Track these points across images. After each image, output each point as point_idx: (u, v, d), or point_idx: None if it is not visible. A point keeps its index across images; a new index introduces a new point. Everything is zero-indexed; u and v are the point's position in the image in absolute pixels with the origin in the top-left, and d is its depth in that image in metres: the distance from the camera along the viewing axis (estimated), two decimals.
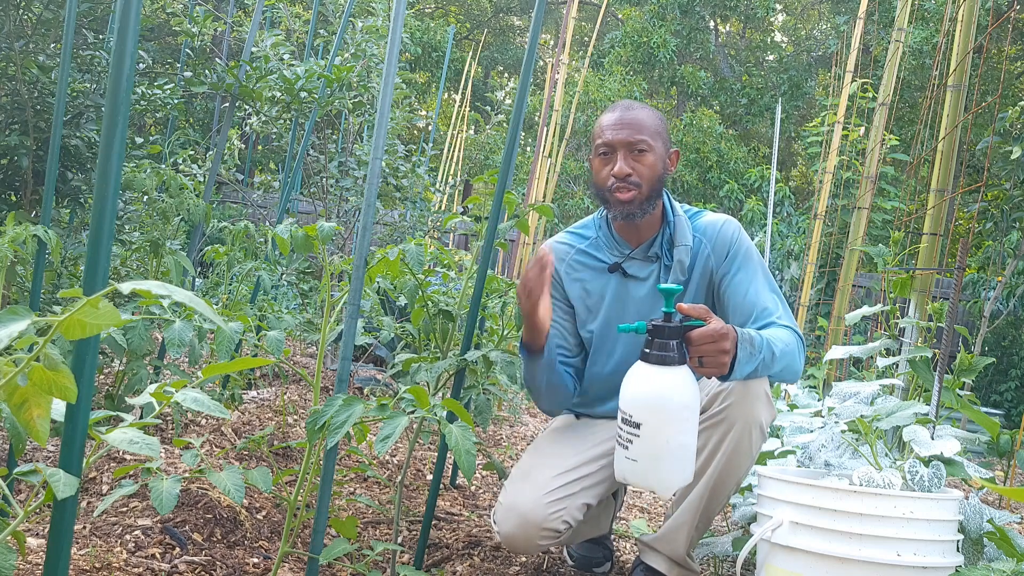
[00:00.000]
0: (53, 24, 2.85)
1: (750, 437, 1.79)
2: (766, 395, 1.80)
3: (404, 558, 1.98)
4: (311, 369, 4.19)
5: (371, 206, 1.54)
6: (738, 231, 1.94)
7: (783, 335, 1.78)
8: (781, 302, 1.88)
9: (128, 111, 1.02)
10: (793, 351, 1.78)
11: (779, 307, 1.86)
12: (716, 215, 1.98)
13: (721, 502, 1.85)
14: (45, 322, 0.88)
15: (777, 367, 1.74)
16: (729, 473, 1.80)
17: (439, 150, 8.62)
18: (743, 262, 1.91)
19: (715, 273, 1.93)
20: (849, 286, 5.11)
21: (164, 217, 2.74)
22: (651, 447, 1.58)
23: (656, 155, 1.88)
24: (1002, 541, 1.65)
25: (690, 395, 1.57)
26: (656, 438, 1.57)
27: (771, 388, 1.84)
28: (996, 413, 6.10)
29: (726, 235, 1.93)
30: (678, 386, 1.56)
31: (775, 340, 1.74)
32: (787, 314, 1.86)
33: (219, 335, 1.70)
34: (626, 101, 1.95)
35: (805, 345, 1.85)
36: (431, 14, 18.05)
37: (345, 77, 3.66)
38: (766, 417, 1.81)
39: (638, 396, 1.59)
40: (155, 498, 1.24)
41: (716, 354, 1.58)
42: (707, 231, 1.94)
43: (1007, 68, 10.19)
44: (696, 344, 1.58)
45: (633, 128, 1.86)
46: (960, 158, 2.96)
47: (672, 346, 1.56)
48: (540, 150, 5.61)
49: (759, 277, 1.90)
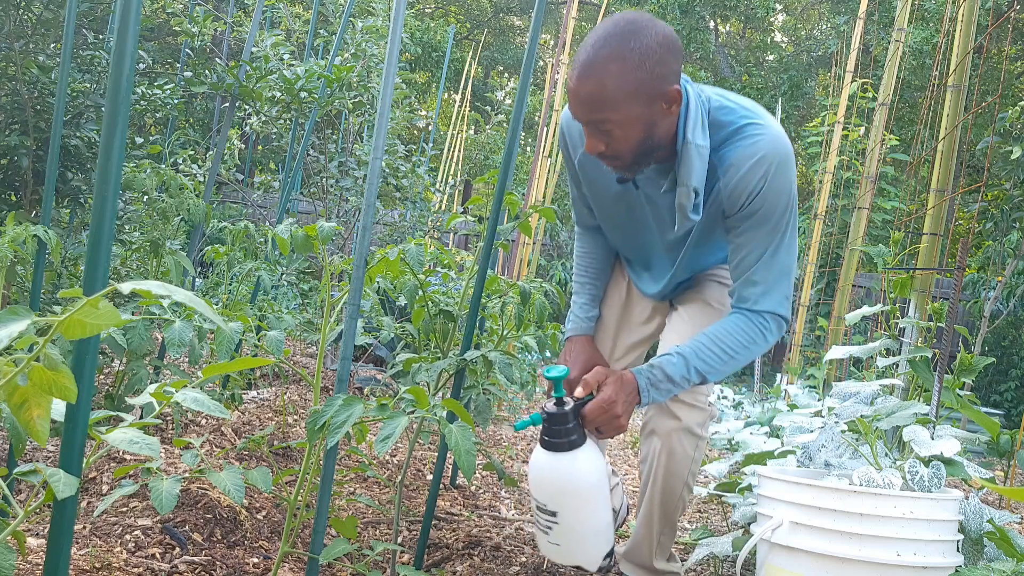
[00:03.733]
0: (53, 24, 2.85)
1: (681, 443, 1.81)
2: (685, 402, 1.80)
3: (404, 558, 1.98)
4: (311, 369, 4.19)
5: (371, 206, 1.54)
6: (762, 184, 1.61)
7: (732, 339, 1.68)
8: (774, 278, 1.69)
9: (128, 111, 1.02)
10: (739, 355, 1.69)
11: (760, 289, 1.69)
12: (752, 147, 1.61)
13: (674, 507, 1.88)
14: (45, 322, 0.88)
15: (713, 378, 1.69)
16: (669, 481, 1.84)
17: (439, 150, 8.62)
18: (755, 223, 1.66)
19: (725, 216, 1.70)
20: (849, 286, 5.11)
21: (164, 217, 2.74)
22: (571, 530, 1.62)
23: (626, 127, 1.55)
24: (1002, 541, 1.65)
25: (596, 472, 1.60)
26: (574, 522, 1.61)
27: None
28: (996, 413, 6.11)
29: (745, 186, 1.62)
30: (582, 468, 1.58)
31: (711, 356, 1.67)
32: (772, 293, 1.69)
33: (219, 335, 1.70)
34: (587, 54, 1.53)
35: (781, 326, 1.71)
36: (431, 14, 18.05)
37: (345, 77, 3.66)
38: (692, 418, 1.80)
39: (546, 485, 1.60)
40: (155, 498, 1.24)
41: (609, 421, 1.60)
42: (730, 170, 1.63)
43: (1007, 68, 10.19)
44: (589, 420, 1.59)
45: (590, 105, 1.54)
46: (960, 158, 2.96)
47: (567, 430, 1.58)
48: (540, 150, 5.62)
49: (759, 245, 1.67)
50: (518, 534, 2.37)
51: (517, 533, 2.38)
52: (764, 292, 1.69)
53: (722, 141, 1.64)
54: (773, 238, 1.66)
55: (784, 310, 1.71)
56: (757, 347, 1.70)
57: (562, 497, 1.59)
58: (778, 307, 1.70)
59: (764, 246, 1.67)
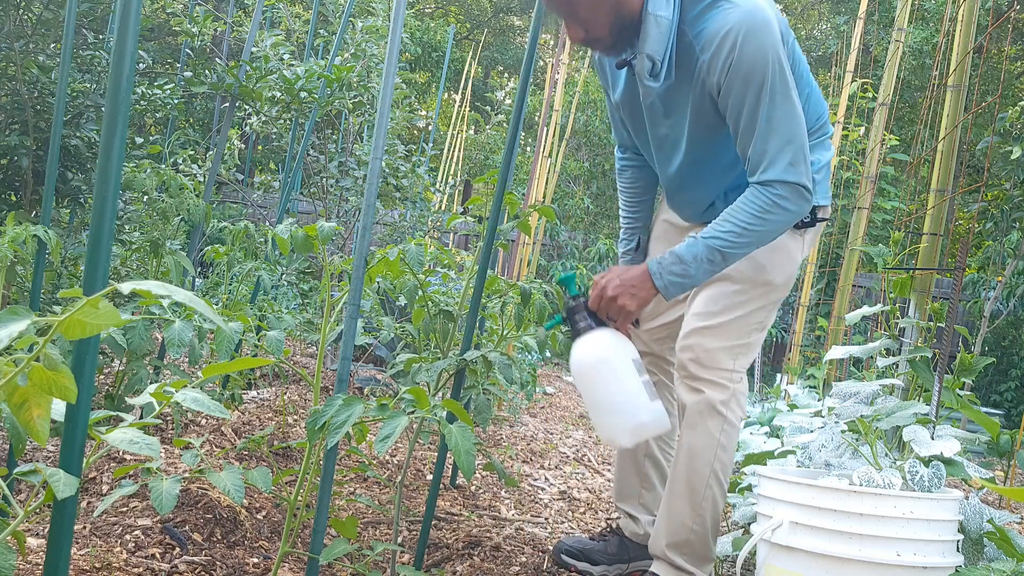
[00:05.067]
0: (53, 24, 2.85)
1: (703, 419, 1.81)
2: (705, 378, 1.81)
3: (404, 558, 1.98)
4: (311, 369, 4.19)
5: (371, 206, 1.54)
6: (733, 54, 1.63)
7: (742, 212, 1.69)
8: (775, 146, 1.67)
9: (128, 111, 1.02)
10: (754, 228, 1.69)
11: (763, 159, 1.68)
12: (722, 19, 1.64)
13: (700, 493, 1.83)
14: (45, 322, 0.88)
15: (733, 254, 1.71)
16: (692, 462, 1.82)
17: (439, 150, 8.62)
18: (739, 94, 1.66)
19: (713, 94, 1.71)
20: (849, 286, 5.11)
21: (164, 217, 2.74)
22: (593, 408, 1.76)
23: (594, 9, 1.67)
24: (1002, 541, 1.65)
25: (599, 350, 1.73)
26: (593, 400, 1.75)
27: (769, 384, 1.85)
28: (996, 413, 6.11)
29: (718, 58, 1.64)
30: (586, 350, 1.74)
31: (723, 232, 1.69)
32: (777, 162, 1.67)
33: (219, 335, 1.70)
34: None
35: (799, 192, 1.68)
36: (431, 14, 18.05)
37: (345, 77, 3.66)
38: (715, 394, 1.81)
39: (573, 373, 1.77)
40: (155, 498, 1.24)
41: (609, 305, 1.74)
42: (704, 44, 1.67)
43: (1007, 68, 10.19)
44: (593, 308, 1.75)
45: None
46: (960, 158, 2.96)
47: (573, 320, 1.77)
48: (540, 150, 5.61)
49: (750, 115, 1.66)
50: (518, 534, 2.37)
51: (517, 533, 2.37)
52: (769, 162, 1.68)
53: (698, 16, 1.68)
54: (761, 105, 1.65)
55: (796, 176, 1.68)
56: (775, 217, 1.69)
57: (579, 380, 1.75)
58: (787, 174, 1.68)
59: (755, 115, 1.66)
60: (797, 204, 1.70)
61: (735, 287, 1.87)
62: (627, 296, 1.73)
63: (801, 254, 1.93)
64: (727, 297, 1.86)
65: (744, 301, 1.87)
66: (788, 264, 1.90)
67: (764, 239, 1.72)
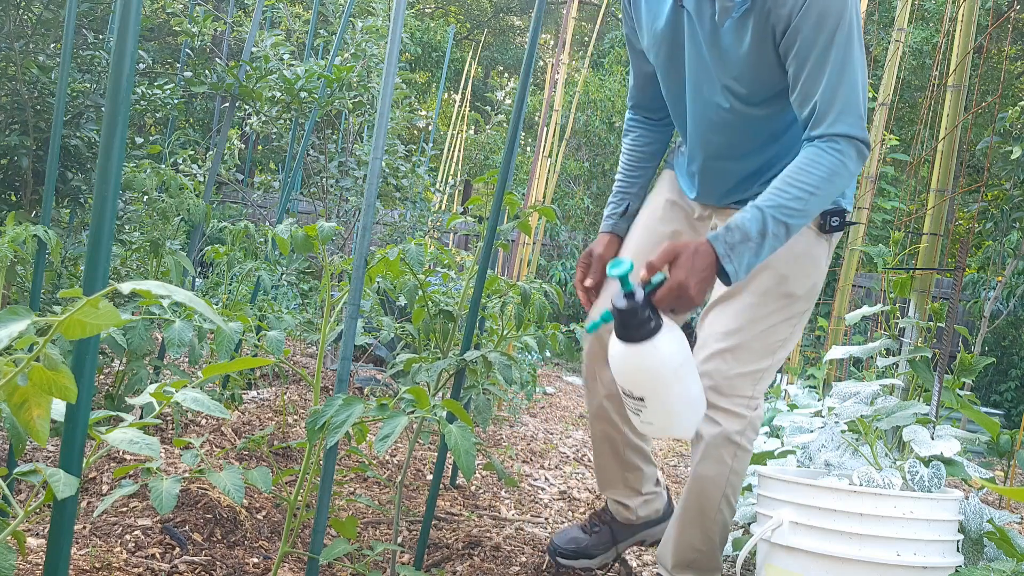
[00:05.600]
0: (53, 24, 2.86)
1: (717, 449, 1.69)
2: (723, 408, 1.68)
3: (404, 558, 1.98)
4: (311, 369, 4.19)
5: (371, 206, 1.54)
6: None
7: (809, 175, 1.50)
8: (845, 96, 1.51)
9: (128, 111, 1.02)
10: (821, 191, 1.51)
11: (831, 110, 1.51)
12: None
13: (711, 519, 1.75)
14: (45, 322, 0.88)
15: (797, 223, 1.51)
16: (703, 486, 1.73)
17: (439, 150, 8.62)
18: (811, 33, 1.50)
19: (777, 32, 1.55)
20: (849, 286, 5.11)
21: (164, 217, 2.75)
22: (661, 410, 1.57)
23: None
24: (1002, 541, 1.65)
25: (679, 352, 1.52)
26: (662, 404, 1.55)
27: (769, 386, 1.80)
28: (996, 413, 6.11)
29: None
30: (664, 353, 1.49)
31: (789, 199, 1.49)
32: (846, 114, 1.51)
33: (219, 335, 1.70)
34: None
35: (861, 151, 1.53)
36: (431, 14, 18.05)
37: (345, 77, 3.66)
38: (731, 425, 1.68)
39: (630, 375, 1.54)
40: (155, 498, 1.24)
41: (681, 300, 1.47)
42: None
43: (1007, 68, 10.19)
44: (661, 306, 1.48)
45: None
46: (960, 158, 2.96)
47: (641, 321, 1.47)
48: (540, 150, 5.61)
49: (821, 59, 1.50)
50: (518, 534, 2.37)
51: (517, 533, 2.38)
52: (837, 113, 1.50)
53: None
54: (835, 46, 1.49)
55: (861, 131, 1.52)
56: (840, 179, 1.52)
57: (650, 384, 1.53)
58: (854, 129, 1.51)
59: (825, 57, 1.49)
60: (857, 165, 1.53)
61: (753, 300, 1.73)
62: (700, 288, 1.49)
63: (827, 260, 1.79)
64: (746, 312, 1.72)
65: (764, 315, 1.72)
66: (814, 272, 1.76)
67: (822, 206, 1.54)
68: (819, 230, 1.74)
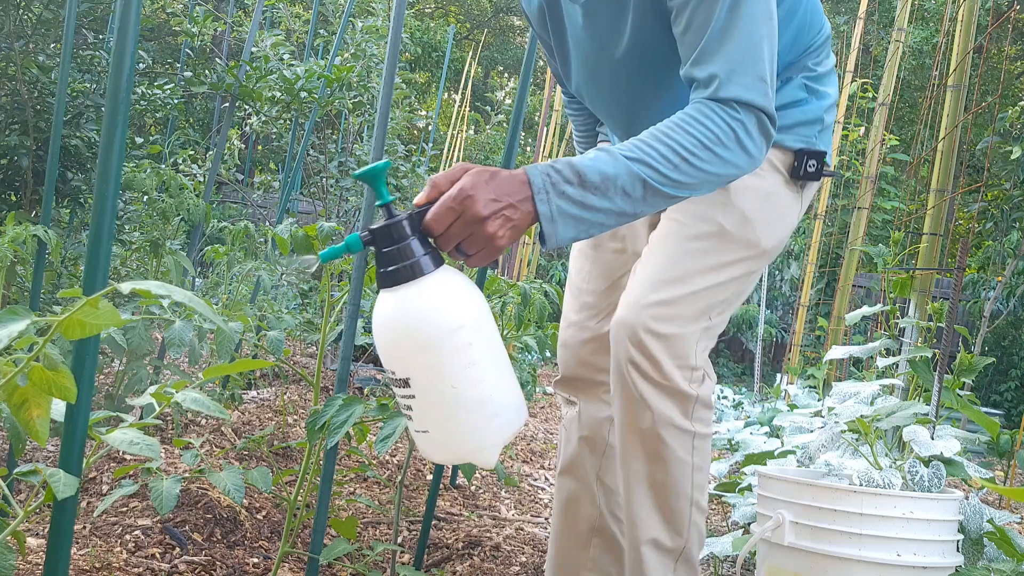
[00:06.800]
0: (53, 24, 2.86)
1: (666, 444, 1.30)
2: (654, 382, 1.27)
3: (404, 558, 1.98)
4: (311, 369, 4.19)
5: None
6: None
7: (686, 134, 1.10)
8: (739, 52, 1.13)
9: (128, 111, 1.02)
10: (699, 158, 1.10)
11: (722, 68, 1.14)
12: None
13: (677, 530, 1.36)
14: (45, 322, 0.88)
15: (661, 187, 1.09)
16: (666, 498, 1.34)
17: (439, 150, 8.62)
18: None
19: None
20: (849, 286, 5.11)
21: (164, 217, 2.75)
22: (433, 405, 1.03)
23: None
24: (1002, 541, 1.65)
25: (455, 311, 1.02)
26: (433, 390, 1.02)
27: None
28: (996, 413, 6.11)
29: None
30: (430, 306, 1.01)
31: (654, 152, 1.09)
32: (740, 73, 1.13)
33: (219, 335, 1.70)
34: None
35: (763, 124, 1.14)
36: (431, 14, 18.05)
37: (345, 77, 3.66)
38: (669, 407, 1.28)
39: (388, 340, 1.03)
40: (155, 498, 1.24)
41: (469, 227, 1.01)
42: None
43: (1007, 68, 10.19)
44: (438, 231, 1.01)
45: None
46: (960, 158, 2.96)
47: (403, 251, 1.01)
48: (540, 150, 5.61)
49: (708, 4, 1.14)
50: (518, 534, 2.37)
51: (517, 533, 2.38)
52: (728, 72, 1.13)
53: None
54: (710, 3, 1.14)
55: (762, 99, 1.14)
56: (728, 152, 1.12)
57: (409, 357, 1.02)
58: (752, 94, 1.13)
59: (711, 5, 1.14)
60: (757, 141, 1.14)
61: (705, 241, 1.33)
62: (502, 220, 1.02)
63: (796, 216, 1.42)
64: (694, 256, 1.32)
65: (718, 264, 1.33)
66: (780, 224, 1.38)
67: (705, 179, 1.12)
68: (790, 175, 1.37)
